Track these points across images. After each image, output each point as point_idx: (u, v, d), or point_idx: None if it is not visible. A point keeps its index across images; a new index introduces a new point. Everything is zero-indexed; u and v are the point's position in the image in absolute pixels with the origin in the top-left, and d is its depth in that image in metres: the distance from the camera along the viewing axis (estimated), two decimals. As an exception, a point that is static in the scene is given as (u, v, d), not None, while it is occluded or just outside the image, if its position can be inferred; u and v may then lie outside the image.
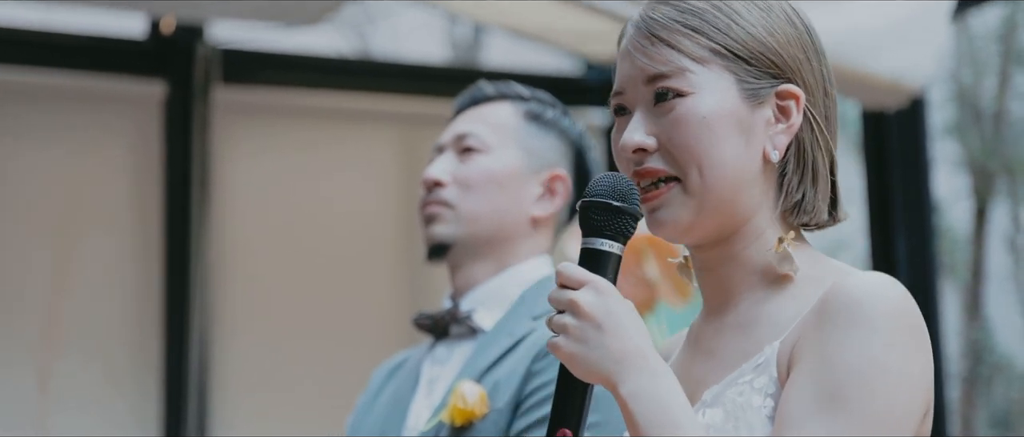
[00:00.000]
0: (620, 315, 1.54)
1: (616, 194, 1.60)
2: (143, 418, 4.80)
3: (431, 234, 2.57)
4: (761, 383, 1.57)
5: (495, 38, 8.69)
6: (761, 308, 1.64)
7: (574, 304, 1.55)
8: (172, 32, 4.86)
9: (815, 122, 1.68)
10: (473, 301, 2.55)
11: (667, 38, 1.65)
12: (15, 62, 4.79)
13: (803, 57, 1.68)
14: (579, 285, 1.56)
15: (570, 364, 1.55)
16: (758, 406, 1.56)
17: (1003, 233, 11.64)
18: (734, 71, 1.64)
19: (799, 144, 1.67)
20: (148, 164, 4.88)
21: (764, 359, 1.58)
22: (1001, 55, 11.62)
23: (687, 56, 1.64)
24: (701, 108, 1.62)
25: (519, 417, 2.36)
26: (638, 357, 1.53)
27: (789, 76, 1.67)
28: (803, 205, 1.67)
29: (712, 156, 1.62)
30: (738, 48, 1.64)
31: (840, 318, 1.52)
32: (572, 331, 1.54)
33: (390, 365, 2.72)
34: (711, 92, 1.63)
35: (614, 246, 1.59)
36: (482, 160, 2.57)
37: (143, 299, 4.83)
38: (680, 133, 1.63)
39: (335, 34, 8.52)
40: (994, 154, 11.57)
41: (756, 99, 1.65)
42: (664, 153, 1.64)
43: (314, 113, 5.20)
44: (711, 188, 1.62)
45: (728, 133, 1.63)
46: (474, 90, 2.67)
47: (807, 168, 1.67)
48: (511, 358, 2.41)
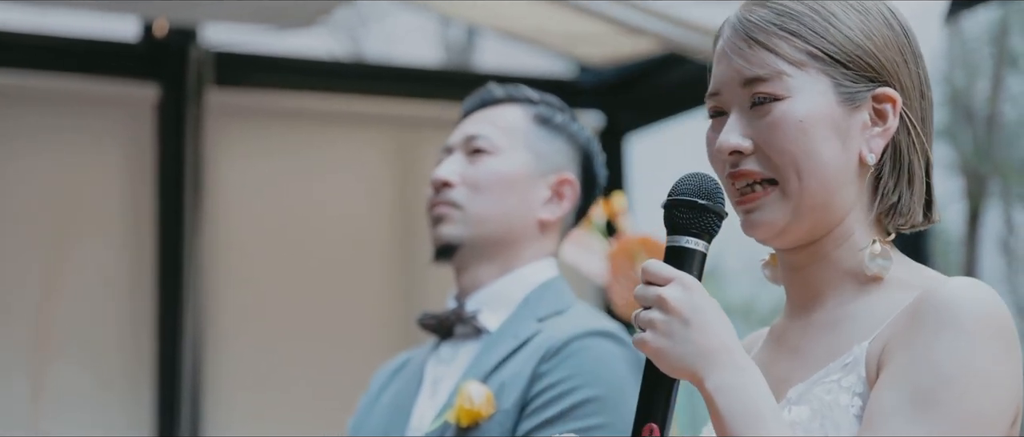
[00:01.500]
0: (706, 311, 1.55)
1: (702, 193, 1.60)
2: (136, 421, 4.79)
3: (439, 234, 2.57)
4: (849, 382, 1.58)
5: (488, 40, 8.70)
6: (849, 308, 1.65)
7: (661, 299, 1.55)
8: (165, 35, 4.86)
9: (912, 125, 1.67)
10: (478, 302, 2.55)
11: (764, 41, 1.64)
12: (8, 65, 4.79)
13: (900, 60, 1.67)
14: (666, 281, 1.56)
15: (657, 359, 1.56)
16: (846, 405, 1.57)
17: (996, 235, 11.66)
18: (831, 75, 1.64)
19: (895, 147, 1.67)
20: (141, 166, 4.87)
21: (853, 358, 1.59)
22: (994, 58, 11.64)
23: (784, 59, 1.64)
24: (798, 112, 1.62)
25: (525, 418, 2.36)
26: (724, 353, 1.53)
27: (886, 79, 1.66)
28: (899, 207, 1.68)
29: (810, 160, 1.62)
30: (835, 51, 1.64)
31: (931, 320, 1.53)
32: (659, 326, 1.55)
33: (392, 366, 2.72)
34: (808, 96, 1.63)
35: (699, 243, 1.60)
36: (491, 162, 2.57)
37: (136, 301, 4.82)
38: (777, 136, 1.63)
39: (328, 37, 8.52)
40: (987, 157, 11.59)
41: (853, 102, 1.64)
42: (760, 156, 1.64)
43: (307, 115, 5.20)
44: (808, 191, 1.63)
45: (825, 137, 1.63)
46: (484, 92, 2.68)
47: (903, 171, 1.67)
48: (517, 359, 2.42)
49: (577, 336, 2.39)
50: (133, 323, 4.82)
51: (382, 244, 5.21)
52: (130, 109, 4.90)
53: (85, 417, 4.72)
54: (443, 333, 2.58)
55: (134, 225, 4.86)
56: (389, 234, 5.22)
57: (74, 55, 4.88)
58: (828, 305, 1.67)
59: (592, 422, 2.32)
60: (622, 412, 2.33)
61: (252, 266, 5.03)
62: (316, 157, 5.16)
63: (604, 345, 2.40)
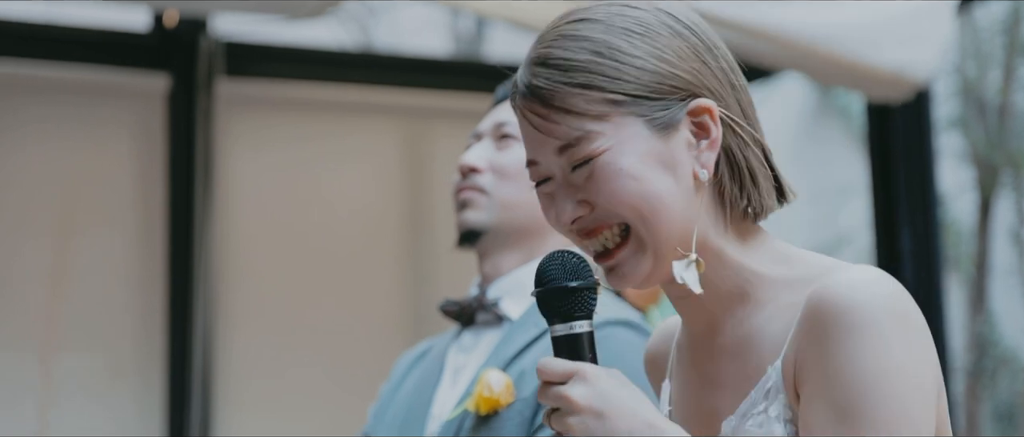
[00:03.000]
0: (615, 396, 1.51)
1: (569, 274, 1.57)
2: (147, 411, 4.80)
3: (464, 220, 2.56)
4: (777, 410, 1.55)
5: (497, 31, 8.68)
6: (747, 326, 1.60)
7: (566, 400, 1.51)
8: (175, 25, 4.86)
9: (734, 123, 1.61)
10: (500, 289, 2.55)
11: (561, 104, 1.56)
12: (18, 55, 4.79)
13: (699, 64, 1.60)
14: (565, 378, 1.52)
15: None
16: (781, 436, 1.53)
17: (1007, 226, 11.64)
18: (639, 113, 1.56)
19: (728, 153, 1.61)
20: (151, 157, 4.88)
21: (772, 383, 1.55)
22: (1006, 48, 11.61)
23: (586, 117, 1.56)
24: (619, 162, 1.56)
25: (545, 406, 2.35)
26: (647, 430, 1.50)
27: (693, 91, 1.59)
28: (752, 208, 1.62)
29: (649, 202, 1.56)
30: (635, 88, 1.56)
31: (831, 327, 1.49)
32: (576, 427, 1.51)
33: (413, 354, 2.72)
34: (623, 142, 1.56)
35: (584, 325, 1.56)
36: (520, 149, 2.57)
37: (147, 291, 4.83)
38: (607, 191, 1.56)
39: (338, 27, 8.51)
40: (998, 147, 11.56)
41: (668, 128, 1.57)
42: (602, 212, 1.58)
43: (317, 106, 5.20)
44: (659, 234, 1.57)
45: (654, 175, 1.56)
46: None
47: (743, 173, 1.61)
48: (538, 347, 2.41)
49: (598, 325, 2.38)
50: (144, 313, 4.82)
51: (392, 234, 5.21)
52: (140, 99, 4.90)
53: (95, 407, 4.72)
54: (465, 320, 2.58)
55: (144, 215, 4.86)
56: (399, 224, 5.22)
57: (84, 46, 4.88)
58: (725, 328, 1.63)
59: None
60: None
61: (262, 256, 5.03)
62: (326, 147, 5.16)
63: (625, 334, 2.39)
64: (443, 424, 2.44)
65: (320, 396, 4.92)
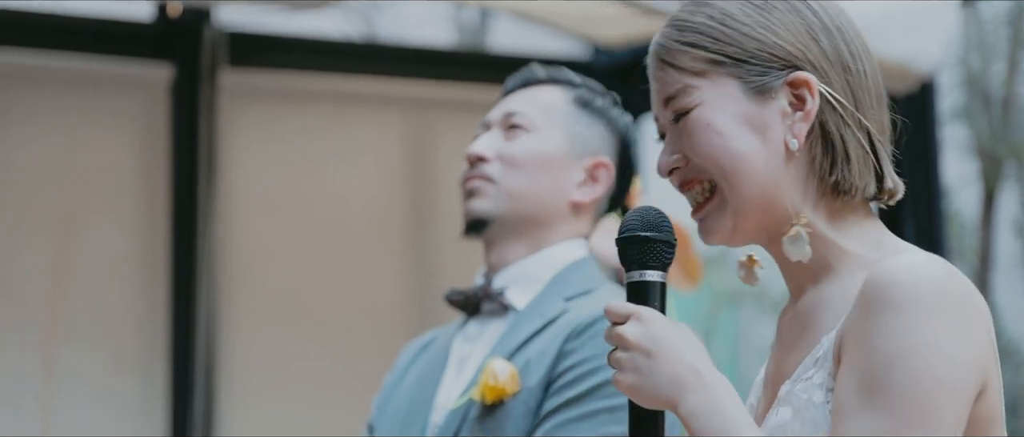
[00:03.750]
0: (667, 340, 1.59)
1: (646, 226, 1.66)
2: (150, 404, 4.79)
3: (470, 208, 2.57)
4: (821, 378, 1.60)
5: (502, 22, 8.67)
6: (821, 295, 1.68)
7: (620, 337, 1.61)
8: (179, 15, 4.85)
9: (835, 101, 1.68)
10: (506, 279, 2.55)
11: (670, 60, 1.71)
12: (21, 45, 4.78)
13: (808, 41, 1.70)
14: (624, 319, 1.62)
15: (632, 394, 1.61)
16: (820, 402, 1.59)
17: (1011, 218, 11.63)
18: (736, 75, 1.68)
19: (822, 127, 1.68)
20: (154, 147, 4.87)
21: (822, 352, 1.61)
22: (1010, 40, 11.60)
23: (688, 72, 1.69)
24: (708, 117, 1.67)
25: (550, 396, 2.36)
26: (691, 376, 1.57)
27: (796, 64, 1.68)
28: (840, 185, 1.68)
29: (730, 159, 1.67)
30: (736, 52, 1.68)
31: (874, 305, 1.53)
32: (625, 364, 1.60)
33: (418, 344, 2.72)
34: (716, 100, 1.68)
35: (655, 275, 1.65)
36: (528, 139, 2.58)
37: (149, 283, 4.82)
38: (695, 144, 1.68)
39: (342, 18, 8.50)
40: (1003, 139, 11.55)
41: (765, 94, 1.68)
42: (693, 166, 1.70)
43: (321, 96, 5.20)
44: (739, 189, 1.67)
45: (739, 134, 1.67)
46: (526, 72, 2.69)
47: (837, 149, 1.68)
48: (543, 337, 2.42)
49: (604, 316, 2.39)
50: (146, 305, 4.82)
51: (396, 225, 5.21)
52: (143, 90, 4.90)
53: (98, 400, 4.72)
54: (470, 310, 2.58)
55: (147, 206, 4.86)
56: (403, 215, 5.22)
57: (87, 35, 4.87)
58: (806, 295, 1.70)
59: (616, 402, 2.32)
60: None
61: (266, 247, 5.03)
62: (330, 138, 5.15)
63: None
64: (448, 413, 2.44)
65: (324, 388, 4.92)
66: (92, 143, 4.83)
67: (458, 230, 2.62)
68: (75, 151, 4.80)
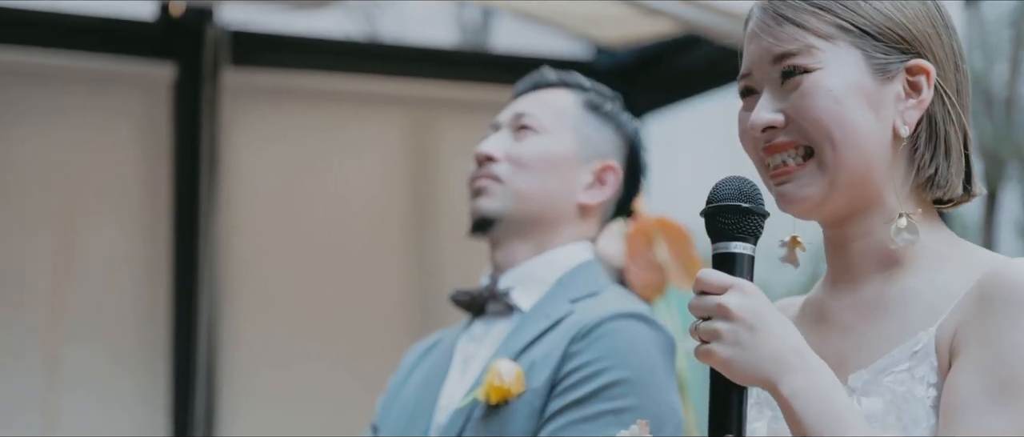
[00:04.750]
0: (769, 315, 1.53)
1: (743, 196, 1.59)
2: (151, 402, 4.79)
3: (477, 207, 2.57)
4: (922, 372, 1.56)
5: (504, 21, 8.67)
6: (902, 287, 1.64)
7: (723, 308, 1.52)
8: (181, 14, 4.85)
9: (946, 96, 1.66)
10: (512, 279, 2.55)
11: (793, 17, 1.65)
12: (24, 43, 4.78)
13: (933, 32, 1.67)
14: (723, 289, 1.54)
15: (726, 368, 1.53)
16: (921, 396, 1.55)
17: (1013, 219, 11.63)
18: (862, 47, 1.64)
19: (930, 119, 1.65)
20: (157, 146, 4.87)
21: (921, 346, 1.57)
22: (1012, 41, 11.59)
23: (813, 33, 1.64)
24: (829, 82, 1.62)
25: (555, 397, 2.36)
26: (794, 356, 1.51)
27: (919, 51, 1.65)
28: (936, 180, 1.66)
29: (843, 129, 1.62)
30: (865, 24, 1.64)
31: (1006, 306, 1.51)
32: (725, 335, 1.52)
33: (423, 346, 2.72)
34: (839, 67, 1.63)
35: (747, 247, 1.58)
36: (537, 140, 2.58)
37: (151, 282, 4.82)
38: (809, 106, 1.62)
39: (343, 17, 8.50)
40: (1005, 140, 11.54)
41: (885, 74, 1.64)
42: (794, 128, 1.64)
43: (323, 96, 5.20)
44: (844, 161, 1.62)
45: (857, 107, 1.62)
46: (536, 75, 2.70)
47: (939, 143, 1.66)
48: (548, 339, 2.42)
49: (609, 317, 2.39)
50: (148, 304, 4.82)
51: (398, 224, 5.21)
52: (146, 88, 4.90)
53: (100, 398, 4.72)
54: (475, 310, 2.58)
55: (150, 205, 4.86)
56: (405, 214, 5.21)
57: (90, 34, 4.87)
58: (873, 283, 1.66)
59: (621, 403, 2.31)
60: (652, 394, 2.33)
61: (267, 246, 5.03)
62: (331, 137, 5.15)
63: (636, 327, 2.39)
64: (453, 413, 2.44)
65: (325, 387, 4.92)
66: (94, 142, 4.83)
67: (460, 229, 2.62)
68: (77, 150, 4.80)
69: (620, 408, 2.32)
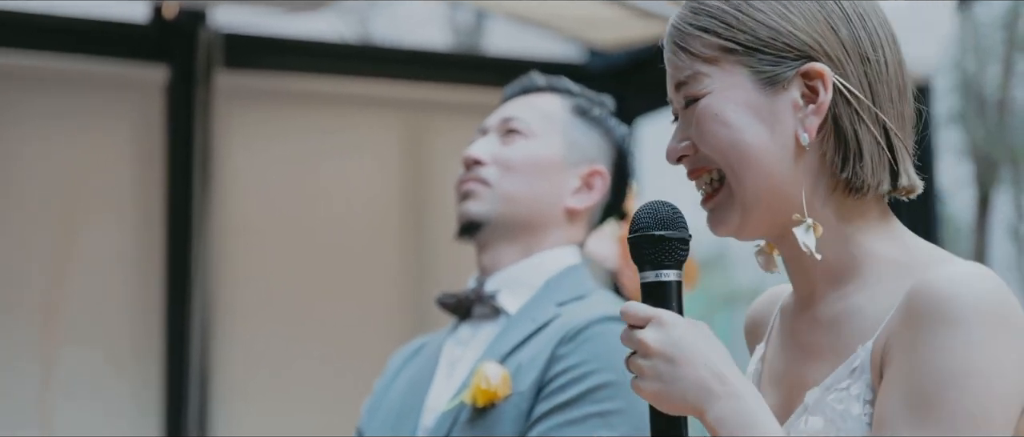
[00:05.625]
0: (688, 343, 1.53)
1: (659, 223, 1.59)
2: (145, 403, 4.79)
3: (465, 211, 2.58)
4: (858, 390, 1.55)
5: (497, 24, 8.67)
6: (849, 301, 1.62)
7: (641, 343, 1.54)
8: (175, 16, 4.85)
9: (850, 94, 1.61)
10: (498, 283, 2.56)
11: (682, 43, 1.65)
12: (17, 46, 4.78)
13: (825, 30, 1.62)
14: (643, 322, 1.55)
15: (654, 402, 1.55)
16: (858, 415, 1.54)
17: (1006, 222, 11.64)
18: (747, 63, 1.62)
19: (835, 121, 1.61)
20: (150, 148, 4.87)
21: (859, 362, 1.56)
22: (1005, 44, 11.61)
23: (699, 58, 1.63)
24: (714, 106, 1.61)
25: (541, 400, 2.36)
26: (716, 382, 1.52)
27: (811, 55, 1.61)
28: (852, 182, 1.62)
29: (736, 150, 1.61)
30: (747, 40, 1.62)
31: (926, 317, 1.48)
32: (647, 371, 1.54)
33: (408, 350, 2.72)
34: (724, 89, 1.62)
35: (670, 274, 1.58)
36: (525, 144, 2.59)
37: (146, 284, 4.82)
38: (702, 133, 1.62)
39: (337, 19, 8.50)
40: (998, 142, 11.56)
41: (776, 85, 1.61)
42: (701, 155, 1.64)
43: (316, 98, 5.20)
44: (745, 182, 1.61)
45: (746, 125, 1.60)
46: (525, 80, 2.70)
47: (849, 144, 1.62)
48: (535, 342, 2.42)
49: (596, 321, 2.39)
50: (142, 306, 4.82)
51: (391, 227, 5.21)
52: (139, 91, 4.90)
53: (94, 399, 4.72)
54: (462, 313, 2.59)
55: (143, 207, 4.86)
56: (398, 216, 5.22)
57: (83, 36, 4.87)
58: (828, 298, 1.64)
59: (607, 407, 2.32)
60: (638, 397, 2.33)
61: (261, 248, 5.03)
62: (325, 140, 5.15)
63: (619, 330, 2.40)
64: (439, 416, 2.45)
65: (319, 390, 4.92)
66: (88, 144, 4.83)
67: (454, 232, 2.63)
68: (71, 152, 4.80)
69: (606, 411, 2.32)
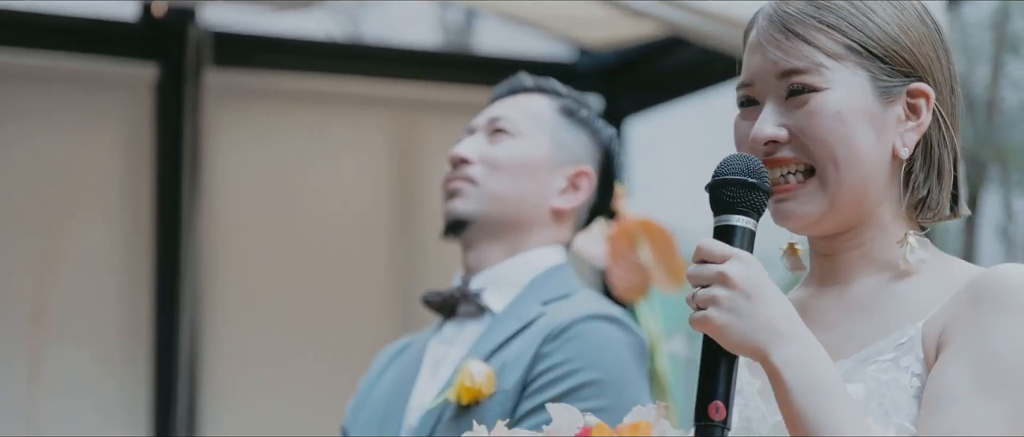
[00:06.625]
0: (766, 286, 1.55)
1: (750, 172, 1.60)
2: (133, 402, 4.79)
3: (451, 209, 2.59)
4: (907, 362, 1.60)
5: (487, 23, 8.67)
6: (886, 290, 1.68)
7: (723, 276, 1.54)
8: (164, 14, 4.84)
9: (942, 120, 1.70)
10: (483, 281, 2.56)
11: (803, 33, 1.66)
12: (5, 44, 4.77)
13: (934, 55, 1.70)
14: (724, 258, 1.56)
15: (721, 335, 1.55)
16: (905, 385, 1.59)
17: (994, 222, 11.67)
18: (868, 68, 1.66)
19: (927, 141, 1.69)
20: (139, 147, 4.86)
21: (908, 338, 1.61)
22: (994, 43, 11.62)
23: (822, 52, 1.66)
24: (836, 103, 1.65)
25: (525, 398, 2.37)
26: (788, 326, 1.54)
27: (920, 75, 1.68)
28: (928, 201, 1.70)
29: (847, 150, 1.64)
30: (873, 45, 1.67)
31: (992, 302, 1.56)
32: (723, 302, 1.54)
33: (393, 349, 2.73)
34: (846, 88, 1.65)
35: (749, 221, 1.60)
36: (512, 143, 2.60)
37: (134, 282, 4.82)
38: (814, 126, 1.65)
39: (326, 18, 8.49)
40: (987, 142, 11.58)
41: (888, 96, 1.67)
42: (796, 144, 1.67)
43: (306, 97, 5.19)
44: (845, 182, 1.65)
45: (861, 129, 1.65)
46: (513, 81, 2.72)
47: (933, 165, 1.69)
48: (520, 340, 2.43)
49: (580, 319, 2.40)
50: (131, 304, 4.81)
51: (381, 226, 5.20)
52: (128, 89, 4.89)
53: (82, 397, 4.71)
54: (446, 311, 2.59)
55: (132, 205, 4.85)
56: (387, 215, 5.21)
57: (72, 34, 4.86)
58: (862, 284, 1.69)
59: (592, 404, 2.32)
60: (623, 396, 2.34)
61: (250, 247, 5.02)
62: (314, 138, 5.15)
63: (607, 329, 2.41)
64: (424, 414, 2.45)
65: (308, 388, 4.91)
66: (76, 142, 4.82)
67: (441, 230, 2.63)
68: (59, 150, 4.79)
69: (591, 409, 2.32)
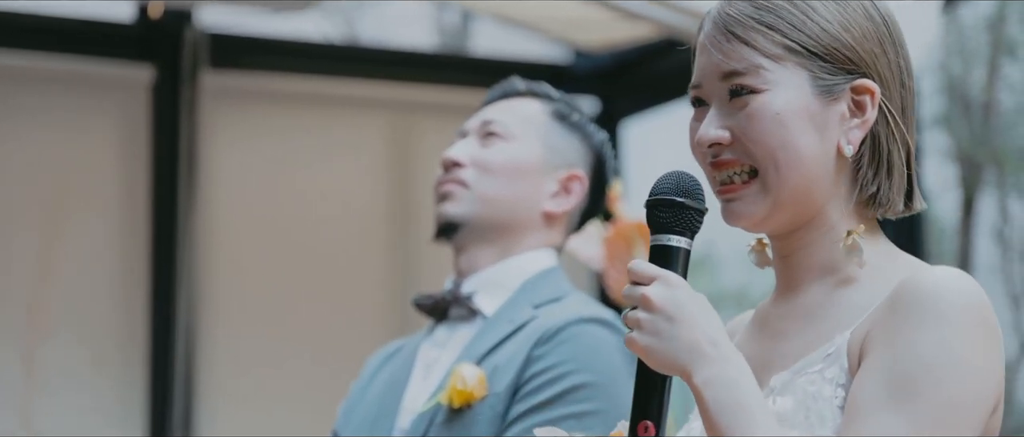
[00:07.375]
0: (689, 306, 1.56)
1: (680, 190, 1.62)
2: (129, 403, 4.79)
3: (442, 212, 2.59)
4: (832, 373, 1.59)
5: (483, 25, 8.67)
6: (831, 297, 1.67)
7: (645, 299, 1.57)
8: (160, 16, 4.85)
9: (890, 115, 1.69)
10: (475, 284, 2.57)
11: (742, 35, 1.66)
12: (2, 45, 4.78)
13: (879, 50, 1.69)
14: (650, 280, 1.58)
15: (645, 357, 1.57)
16: (829, 396, 1.58)
17: (991, 224, 11.66)
18: (808, 67, 1.66)
19: (874, 138, 1.68)
20: (135, 148, 4.87)
21: (834, 349, 1.61)
22: (991, 46, 11.62)
23: (761, 53, 1.66)
24: (775, 104, 1.65)
25: (517, 402, 2.38)
26: (710, 346, 1.55)
27: (864, 71, 1.68)
28: (878, 198, 1.69)
29: (787, 151, 1.64)
30: (812, 45, 1.66)
31: (912, 310, 1.55)
32: (645, 325, 1.56)
33: (385, 353, 2.73)
34: (785, 89, 1.65)
35: (681, 241, 1.61)
36: (504, 147, 2.61)
37: (130, 283, 4.82)
38: (754, 128, 1.65)
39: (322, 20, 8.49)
40: (983, 145, 11.58)
41: (830, 94, 1.66)
42: (739, 146, 1.67)
43: (302, 98, 5.20)
44: (787, 183, 1.65)
45: (802, 129, 1.65)
46: (505, 85, 2.72)
47: (882, 161, 1.69)
48: (511, 343, 2.44)
49: (572, 322, 2.41)
50: (127, 304, 4.82)
51: (377, 227, 5.21)
52: (125, 91, 4.90)
53: (78, 397, 4.72)
54: (438, 315, 2.60)
55: (128, 207, 4.85)
56: (384, 217, 5.22)
57: (69, 36, 4.87)
58: (810, 292, 1.69)
59: (584, 407, 2.33)
60: (615, 399, 2.35)
61: (246, 248, 5.03)
62: (310, 140, 5.15)
63: (599, 332, 2.41)
64: (415, 417, 2.46)
65: (303, 389, 4.92)
66: (73, 143, 4.83)
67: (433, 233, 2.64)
68: (56, 151, 4.80)
69: (583, 412, 2.34)
